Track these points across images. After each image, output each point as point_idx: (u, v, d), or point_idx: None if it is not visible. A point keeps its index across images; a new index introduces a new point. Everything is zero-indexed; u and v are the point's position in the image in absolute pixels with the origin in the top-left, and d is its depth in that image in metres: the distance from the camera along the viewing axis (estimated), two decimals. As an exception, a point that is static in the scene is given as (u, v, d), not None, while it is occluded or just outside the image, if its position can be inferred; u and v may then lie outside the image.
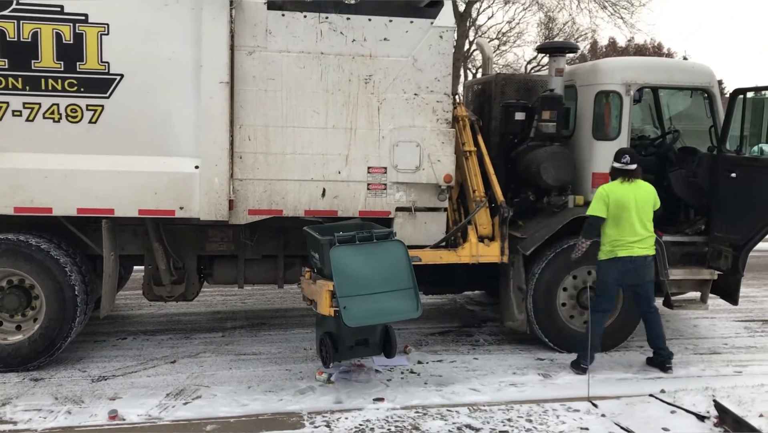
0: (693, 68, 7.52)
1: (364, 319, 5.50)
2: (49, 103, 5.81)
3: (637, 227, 6.14)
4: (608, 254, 6.22)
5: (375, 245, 5.72)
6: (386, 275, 5.66)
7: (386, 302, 5.58)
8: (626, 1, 21.46)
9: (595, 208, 6.15)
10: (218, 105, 5.96)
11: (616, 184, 6.19)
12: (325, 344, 5.86)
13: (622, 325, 6.93)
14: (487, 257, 6.76)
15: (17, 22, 5.69)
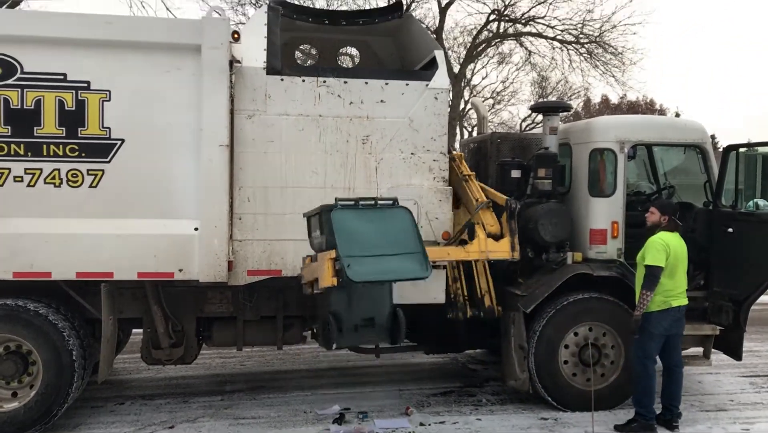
0: (685, 125, 7.65)
1: (369, 275, 5.05)
2: (50, 168, 5.87)
3: (685, 277, 6.20)
4: (661, 304, 6.11)
5: (379, 211, 5.36)
6: (391, 239, 5.25)
7: (392, 264, 5.17)
8: (617, 60, 21.94)
9: (658, 259, 6.01)
10: (218, 167, 6.03)
11: (669, 235, 6.14)
12: (329, 324, 5.35)
13: (629, 379, 6.84)
14: (498, 252, 6.48)
15: (21, 90, 5.81)
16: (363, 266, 5.03)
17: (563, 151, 7.41)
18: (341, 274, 5.00)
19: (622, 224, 6.94)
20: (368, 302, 5.48)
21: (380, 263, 5.13)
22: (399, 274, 5.22)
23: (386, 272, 5.15)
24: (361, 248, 5.11)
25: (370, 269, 5.06)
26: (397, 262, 5.20)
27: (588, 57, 22.08)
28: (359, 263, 5.02)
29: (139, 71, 6.00)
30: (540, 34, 22.30)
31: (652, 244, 6.09)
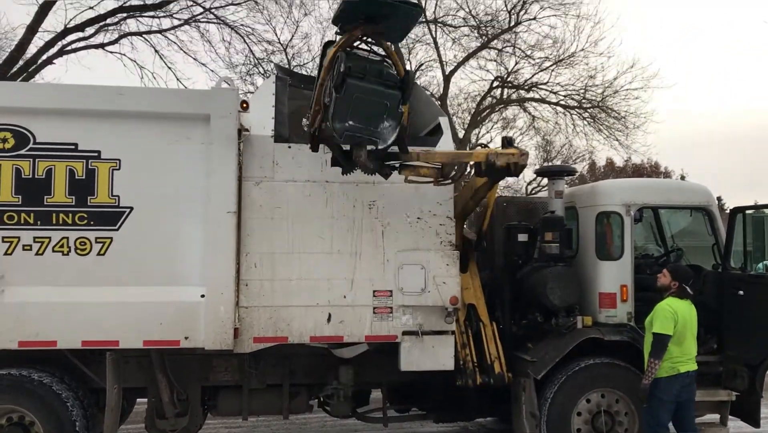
0: (690, 188, 7.67)
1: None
2: (59, 236, 5.91)
3: (694, 343, 6.10)
4: (669, 370, 6.01)
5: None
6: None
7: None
8: (621, 125, 22.17)
9: (666, 327, 5.92)
10: (225, 234, 6.05)
11: (677, 301, 6.06)
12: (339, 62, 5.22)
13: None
14: (505, 154, 6.30)
15: (33, 160, 5.91)
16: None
17: (569, 215, 7.42)
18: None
19: (632, 288, 6.88)
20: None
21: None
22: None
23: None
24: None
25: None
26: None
27: (591, 121, 22.34)
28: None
29: (150, 140, 6.10)
30: (543, 99, 22.65)
31: (661, 310, 6.01)
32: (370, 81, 5.32)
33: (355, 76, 5.23)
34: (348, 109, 5.31)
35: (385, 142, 5.50)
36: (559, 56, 21.34)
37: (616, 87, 21.76)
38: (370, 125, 5.42)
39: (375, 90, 5.34)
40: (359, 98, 5.29)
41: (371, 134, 5.46)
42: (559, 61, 21.42)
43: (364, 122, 5.40)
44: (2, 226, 5.85)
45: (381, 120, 5.43)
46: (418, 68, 22.00)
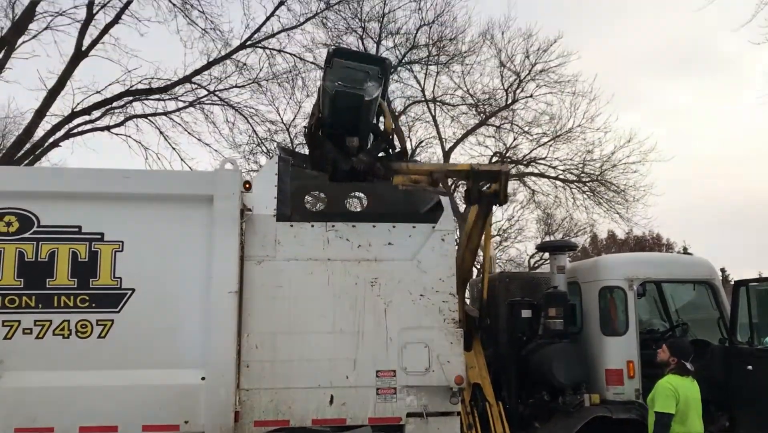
0: (692, 262, 7.69)
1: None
2: (60, 319, 5.88)
3: (699, 422, 5.83)
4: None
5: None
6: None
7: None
8: (621, 198, 22.31)
9: (666, 405, 5.66)
10: (227, 315, 6.02)
11: (678, 379, 5.82)
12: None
13: None
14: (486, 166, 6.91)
15: (36, 243, 5.94)
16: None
17: (572, 290, 7.40)
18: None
19: (638, 363, 6.79)
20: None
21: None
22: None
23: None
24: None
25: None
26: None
27: (591, 195, 22.52)
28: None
29: (153, 222, 6.15)
30: (542, 174, 22.90)
31: (661, 388, 5.78)
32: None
33: (341, 58, 6.56)
34: (337, 76, 6.45)
35: (370, 96, 6.44)
36: (557, 132, 21.72)
37: (614, 161, 22.01)
38: (355, 84, 6.45)
39: (358, 65, 6.60)
40: (344, 68, 6.50)
41: (357, 89, 6.43)
42: (556, 137, 21.77)
43: (351, 83, 6.45)
44: (3, 310, 5.82)
45: (364, 82, 6.49)
46: (418, 145, 22.38)
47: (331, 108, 6.62)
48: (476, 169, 6.88)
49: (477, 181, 6.83)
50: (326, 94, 6.51)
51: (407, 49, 20.02)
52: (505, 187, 6.78)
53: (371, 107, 6.66)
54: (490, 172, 6.96)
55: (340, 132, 6.81)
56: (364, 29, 19.42)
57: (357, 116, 6.63)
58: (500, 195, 6.80)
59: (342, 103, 6.50)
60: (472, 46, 20.66)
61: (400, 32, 19.89)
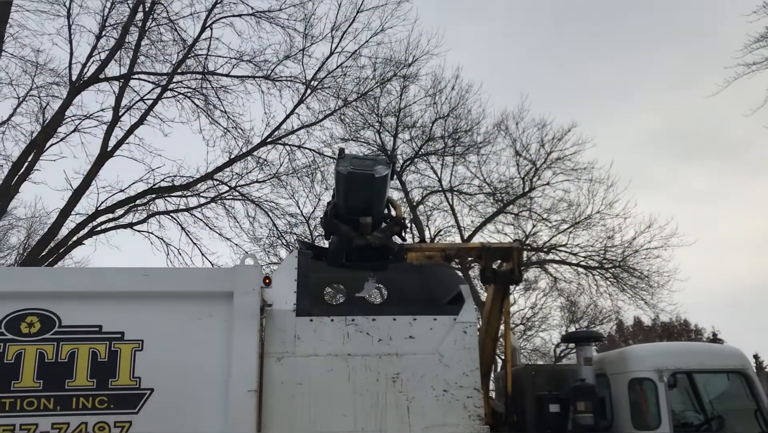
0: (723, 351, 7.48)
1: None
2: (77, 422, 5.78)
3: None
4: None
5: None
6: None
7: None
8: (645, 284, 21.99)
9: None
10: (246, 414, 5.89)
11: None
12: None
13: None
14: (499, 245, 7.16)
15: (57, 344, 5.93)
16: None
17: (600, 382, 7.17)
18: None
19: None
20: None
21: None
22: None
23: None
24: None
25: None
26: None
27: (614, 281, 22.23)
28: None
29: (173, 319, 6.14)
30: (563, 261, 22.73)
31: None
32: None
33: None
34: (348, 163, 6.77)
35: (380, 174, 6.70)
36: (576, 218, 21.72)
37: (635, 246, 21.83)
38: (366, 167, 6.76)
39: (366, 156, 7.30)
40: (355, 158, 6.96)
41: (367, 170, 6.73)
42: (576, 224, 21.75)
43: (361, 167, 6.74)
44: (22, 413, 5.75)
45: (374, 164, 6.83)
46: (437, 234, 22.42)
47: (344, 191, 6.89)
48: (488, 246, 7.05)
49: (490, 260, 6.89)
50: (339, 177, 6.81)
51: (423, 141, 20.45)
52: (518, 264, 6.86)
53: (382, 187, 6.88)
54: (501, 250, 7.14)
55: (355, 215, 6.98)
56: (381, 123, 19.94)
57: (369, 196, 6.89)
58: (515, 272, 6.89)
59: (354, 185, 6.78)
60: (487, 136, 21.08)
61: (416, 125, 20.42)
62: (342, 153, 6.90)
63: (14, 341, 5.90)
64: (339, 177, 6.84)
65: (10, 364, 5.84)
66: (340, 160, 6.82)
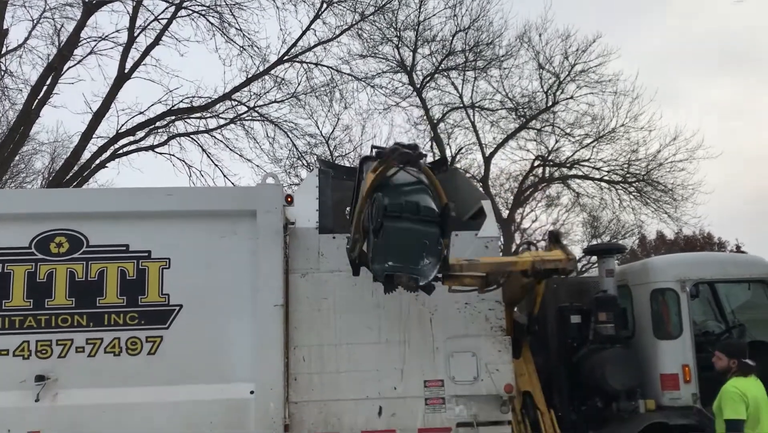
0: (746, 261, 7.45)
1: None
2: (110, 337, 5.99)
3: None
4: None
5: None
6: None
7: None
8: (668, 198, 21.79)
9: (737, 411, 5.38)
10: (273, 327, 6.05)
11: (743, 381, 5.53)
12: (378, 202, 5.05)
13: None
14: (551, 258, 6.03)
15: (86, 263, 6.07)
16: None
17: (623, 293, 7.22)
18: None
19: (694, 367, 6.59)
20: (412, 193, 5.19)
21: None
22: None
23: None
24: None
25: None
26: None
27: (638, 195, 22.06)
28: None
29: (198, 238, 6.23)
30: (586, 176, 22.51)
31: (728, 394, 5.50)
32: (408, 219, 5.10)
33: (391, 216, 5.05)
34: (387, 251, 5.11)
35: (426, 278, 5.19)
36: (600, 132, 21.36)
37: (660, 160, 21.52)
38: (409, 263, 5.14)
39: (413, 229, 5.10)
40: (397, 239, 5.10)
41: (411, 272, 5.13)
42: (599, 138, 21.41)
43: (404, 261, 5.12)
44: (57, 329, 5.96)
45: (421, 258, 5.16)
46: (458, 152, 22.26)
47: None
48: (538, 267, 6.03)
49: (539, 278, 6.26)
50: (374, 272, 5.26)
51: (444, 56, 19.96)
52: (569, 272, 6.20)
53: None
54: (553, 270, 6.15)
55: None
56: (400, 38, 19.46)
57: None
58: (566, 270, 6.14)
59: (392, 288, 5.31)
60: (510, 49, 20.46)
61: (436, 39, 19.86)
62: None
63: (45, 260, 6.05)
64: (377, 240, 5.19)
65: (43, 283, 6.01)
66: (374, 216, 5.15)
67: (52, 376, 5.86)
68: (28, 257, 6.05)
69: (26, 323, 5.95)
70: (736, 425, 5.40)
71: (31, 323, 5.95)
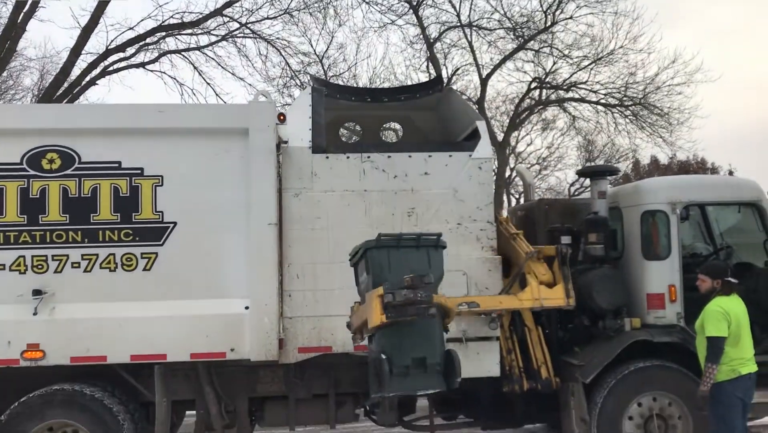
0: (738, 183, 7.47)
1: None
2: (105, 253, 6.04)
3: (750, 343, 5.79)
4: (730, 373, 5.68)
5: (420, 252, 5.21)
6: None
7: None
8: (664, 121, 21.69)
9: (720, 329, 5.60)
10: (267, 245, 6.11)
11: (726, 300, 5.74)
12: (380, 363, 4.91)
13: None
14: (552, 299, 6.28)
15: (79, 180, 6.06)
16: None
17: (613, 215, 7.28)
18: (390, 309, 4.77)
19: (680, 288, 6.71)
20: (419, 338, 5.03)
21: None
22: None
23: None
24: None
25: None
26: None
27: (633, 119, 21.92)
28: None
29: (190, 155, 6.20)
30: (583, 99, 22.30)
31: (711, 313, 5.69)
32: (413, 374, 5.04)
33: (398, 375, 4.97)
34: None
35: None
36: (598, 54, 20.99)
37: (657, 83, 21.28)
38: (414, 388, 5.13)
39: (417, 382, 5.07)
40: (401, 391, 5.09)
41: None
42: (597, 60, 21.07)
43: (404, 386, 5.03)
44: (52, 244, 6.01)
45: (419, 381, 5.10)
46: (454, 73, 21.90)
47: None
48: (537, 307, 6.34)
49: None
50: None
51: (441, -29, 19.38)
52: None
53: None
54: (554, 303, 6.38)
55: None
56: (396, -47, 18.82)
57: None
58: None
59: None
60: (508, -35, 19.86)
61: (433, -46, 19.24)
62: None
63: (37, 177, 6.03)
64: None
65: (36, 199, 6.01)
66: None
67: (48, 290, 5.95)
68: (20, 173, 6.03)
69: (21, 238, 5.99)
70: (718, 342, 5.60)
71: (26, 238, 5.99)
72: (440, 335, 5.16)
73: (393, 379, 4.91)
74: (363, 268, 5.35)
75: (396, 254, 5.15)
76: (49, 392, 6.06)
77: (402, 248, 5.17)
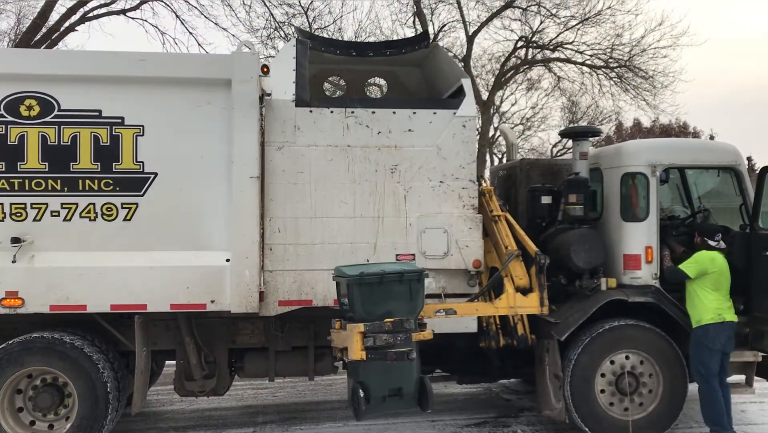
0: (718, 148, 7.54)
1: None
2: (85, 202, 6.00)
3: (728, 294, 6.44)
4: (716, 318, 6.31)
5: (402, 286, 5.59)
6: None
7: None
8: (648, 84, 21.72)
9: (691, 270, 6.39)
10: (249, 199, 6.09)
11: (718, 254, 6.45)
12: (357, 396, 5.41)
13: (667, 408, 6.65)
14: (526, 308, 6.52)
15: (58, 127, 5.97)
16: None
17: (594, 176, 7.33)
18: (371, 350, 5.20)
19: (657, 249, 6.82)
20: (397, 372, 5.52)
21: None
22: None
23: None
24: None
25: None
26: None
27: (618, 81, 21.94)
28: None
29: (172, 106, 6.12)
30: (569, 59, 22.25)
31: (699, 256, 6.42)
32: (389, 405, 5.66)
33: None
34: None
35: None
36: (585, 14, 20.91)
37: (643, 46, 21.29)
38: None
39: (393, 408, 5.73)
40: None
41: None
42: (585, 20, 20.98)
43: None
44: (31, 192, 5.95)
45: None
46: (440, 29, 21.68)
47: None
48: (512, 314, 6.72)
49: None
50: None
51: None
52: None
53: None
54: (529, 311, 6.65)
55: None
56: None
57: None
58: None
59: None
60: None
61: None
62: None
63: (15, 123, 5.94)
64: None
65: (14, 146, 5.93)
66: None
67: (27, 238, 5.91)
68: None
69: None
70: (681, 275, 6.43)
71: (4, 185, 5.92)
72: (417, 366, 5.61)
73: (369, 407, 5.49)
74: (344, 292, 5.58)
75: (378, 288, 5.48)
76: (29, 339, 6.07)
77: (384, 283, 5.50)
